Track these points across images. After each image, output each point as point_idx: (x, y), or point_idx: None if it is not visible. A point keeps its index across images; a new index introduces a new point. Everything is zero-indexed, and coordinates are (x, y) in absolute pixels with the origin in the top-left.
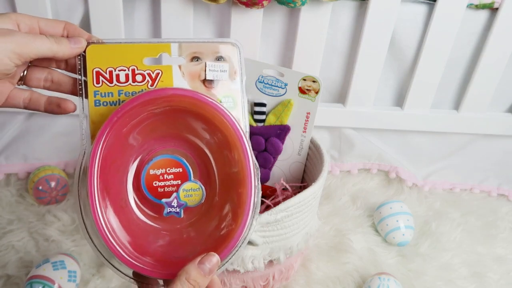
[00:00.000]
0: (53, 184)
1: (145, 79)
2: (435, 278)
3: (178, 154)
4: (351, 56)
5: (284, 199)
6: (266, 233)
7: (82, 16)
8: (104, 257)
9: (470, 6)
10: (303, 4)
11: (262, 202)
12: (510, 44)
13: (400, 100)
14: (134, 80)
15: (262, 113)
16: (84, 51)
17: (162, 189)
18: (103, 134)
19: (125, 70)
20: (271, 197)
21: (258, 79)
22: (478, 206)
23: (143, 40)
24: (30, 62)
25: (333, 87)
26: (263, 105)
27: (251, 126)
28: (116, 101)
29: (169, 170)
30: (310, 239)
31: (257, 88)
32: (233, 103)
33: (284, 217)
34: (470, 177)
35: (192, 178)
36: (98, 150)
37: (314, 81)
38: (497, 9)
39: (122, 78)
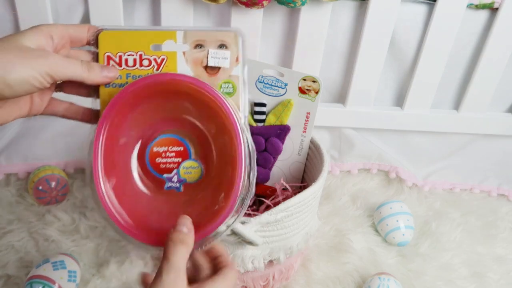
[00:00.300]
0: (53, 184)
1: (151, 64)
2: (435, 278)
3: (180, 134)
4: (351, 56)
5: (284, 199)
6: (266, 233)
7: (82, 16)
8: (126, 236)
9: (470, 6)
10: (303, 4)
11: (262, 202)
12: (510, 44)
13: (400, 100)
14: (141, 65)
15: (262, 113)
16: (97, 38)
17: (164, 165)
18: (108, 112)
19: (133, 55)
20: (271, 197)
21: (258, 79)
22: (478, 206)
23: (151, 27)
24: None
25: (333, 87)
26: (263, 105)
27: (251, 126)
28: (124, 83)
29: (171, 148)
30: (310, 239)
31: (257, 88)
32: (233, 89)
33: (284, 217)
34: (470, 177)
35: (192, 156)
36: (103, 126)
37: (314, 81)
38: (497, 9)
39: (130, 62)
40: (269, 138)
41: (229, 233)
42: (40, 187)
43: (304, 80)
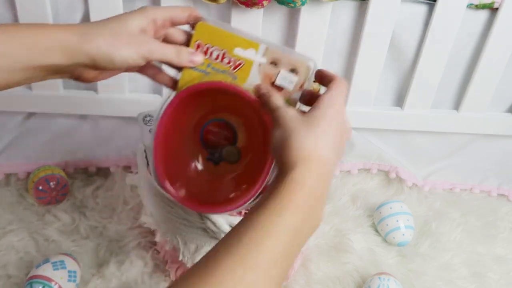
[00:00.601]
0: (53, 184)
1: (230, 63)
2: (435, 278)
3: (235, 122)
4: (351, 56)
5: None
6: None
7: (82, 15)
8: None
9: (470, 6)
10: (303, 4)
11: None
12: (510, 44)
13: (400, 100)
14: (222, 61)
15: None
16: (195, 25)
17: (212, 142)
18: (181, 93)
19: (218, 51)
20: None
21: None
22: (478, 206)
23: (241, 32)
24: None
25: None
26: None
27: None
28: (204, 70)
29: (222, 131)
30: (310, 239)
31: None
32: None
33: None
34: (470, 177)
35: (236, 144)
36: (176, 99)
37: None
38: (497, 9)
39: (214, 56)
40: None
41: (228, 229)
42: (40, 187)
43: None
